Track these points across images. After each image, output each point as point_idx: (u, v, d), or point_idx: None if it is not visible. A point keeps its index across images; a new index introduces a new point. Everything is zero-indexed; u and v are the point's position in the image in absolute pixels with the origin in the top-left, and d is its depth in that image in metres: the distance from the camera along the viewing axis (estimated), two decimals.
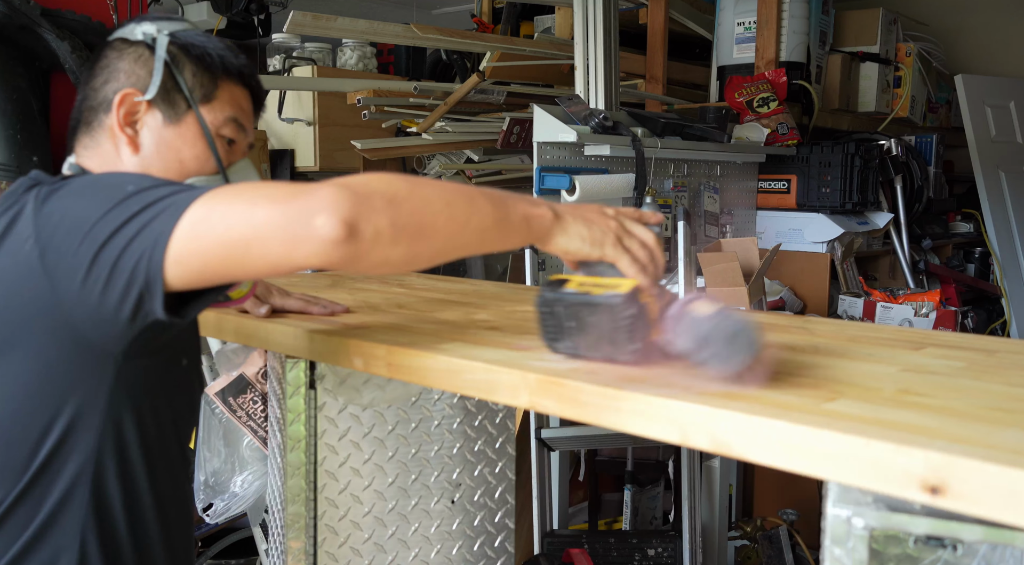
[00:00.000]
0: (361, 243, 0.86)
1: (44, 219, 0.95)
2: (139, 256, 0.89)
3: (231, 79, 1.16)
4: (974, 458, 0.70)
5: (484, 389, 1.06)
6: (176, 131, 1.12)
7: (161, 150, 1.11)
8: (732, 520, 3.03)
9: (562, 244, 1.02)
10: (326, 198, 0.85)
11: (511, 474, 1.63)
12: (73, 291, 0.92)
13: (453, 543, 1.55)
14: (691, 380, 0.98)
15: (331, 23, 2.83)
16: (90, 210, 0.92)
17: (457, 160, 3.46)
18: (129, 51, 1.13)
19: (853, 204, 3.31)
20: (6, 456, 1.00)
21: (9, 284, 0.96)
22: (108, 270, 0.90)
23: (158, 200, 0.90)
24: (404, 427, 1.48)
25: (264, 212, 0.86)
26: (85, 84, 1.15)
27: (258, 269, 0.89)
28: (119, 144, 1.11)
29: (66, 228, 0.93)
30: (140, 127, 1.12)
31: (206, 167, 1.13)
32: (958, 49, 4.78)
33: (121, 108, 1.10)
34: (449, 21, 5.40)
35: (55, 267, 0.92)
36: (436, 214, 0.91)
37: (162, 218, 0.89)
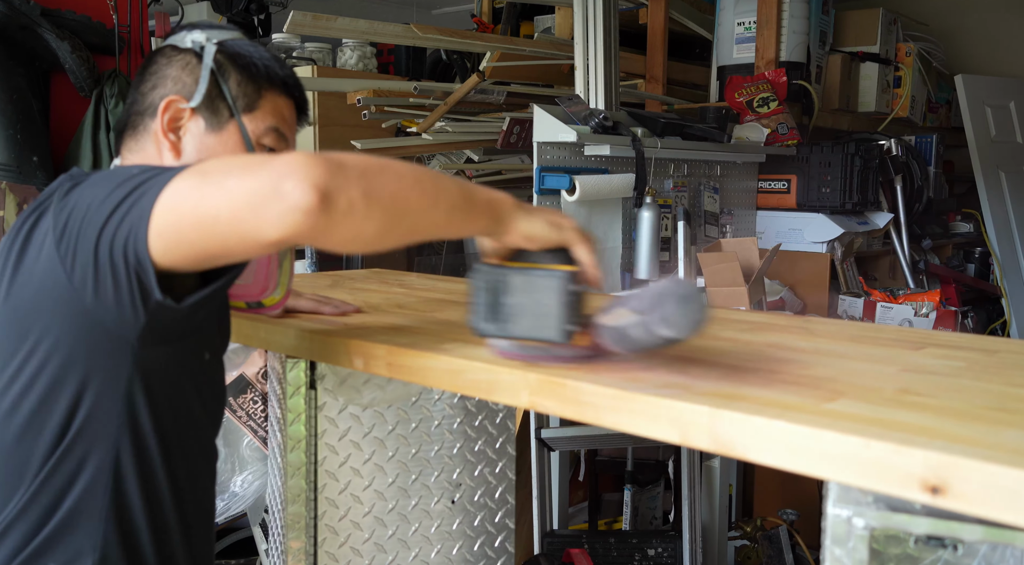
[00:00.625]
0: (333, 213, 0.83)
1: (61, 210, 0.97)
2: (127, 236, 0.90)
3: (275, 89, 1.17)
4: (974, 458, 0.70)
5: (484, 389, 1.06)
6: (218, 138, 1.14)
7: (202, 156, 1.12)
8: (732, 520, 3.03)
9: (524, 228, 1.01)
10: (296, 163, 0.83)
11: (511, 474, 1.63)
12: (85, 278, 0.93)
13: (453, 543, 1.55)
14: (690, 379, 0.98)
15: (331, 23, 2.83)
16: (94, 197, 0.94)
17: (457, 160, 3.46)
18: (178, 58, 1.15)
19: (853, 204, 3.31)
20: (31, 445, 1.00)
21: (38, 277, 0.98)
22: (108, 254, 0.91)
23: (148, 180, 0.91)
24: (404, 427, 1.48)
25: (235, 180, 0.85)
26: (134, 89, 1.18)
27: (230, 241, 0.87)
28: (162, 148, 1.13)
29: (75, 216, 0.94)
30: (183, 133, 1.13)
31: None
32: (958, 49, 4.78)
33: (166, 114, 1.12)
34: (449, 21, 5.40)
35: (66, 255, 0.94)
36: (408, 189, 0.91)
37: (147, 196, 0.90)
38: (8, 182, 2.01)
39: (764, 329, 1.35)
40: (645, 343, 0.97)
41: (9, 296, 1.02)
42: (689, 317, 0.94)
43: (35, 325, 0.98)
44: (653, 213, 2.68)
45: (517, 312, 1.00)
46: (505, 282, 1.00)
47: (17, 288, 1.01)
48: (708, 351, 1.16)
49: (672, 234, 2.78)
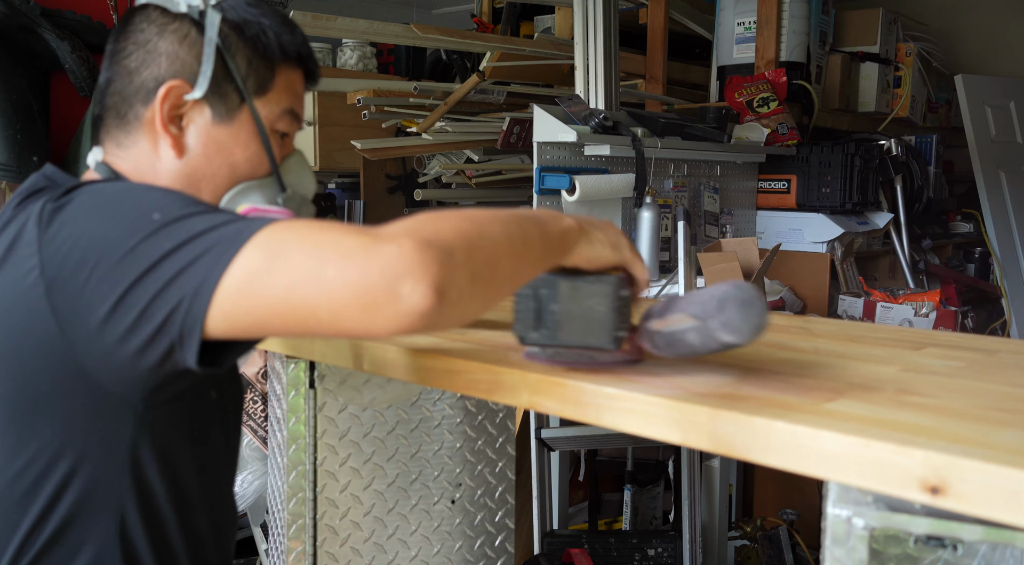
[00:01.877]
0: (446, 308, 0.72)
1: (50, 246, 0.80)
2: (175, 304, 0.75)
3: (288, 63, 1.00)
4: (974, 458, 0.70)
5: (484, 389, 1.06)
6: (228, 131, 0.96)
7: (210, 153, 0.96)
8: (732, 520, 3.03)
9: (586, 252, 0.94)
10: (411, 258, 0.70)
11: (511, 474, 1.63)
12: (86, 334, 0.79)
13: (453, 543, 1.55)
14: (690, 380, 0.98)
15: (331, 23, 2.83)
16: (110, 241, 0.78)
17: (457, 160, 3.46)
18: (172, 29, 0.94)
19: (853, 204, 3.31)
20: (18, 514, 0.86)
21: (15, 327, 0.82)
22: (135, 316, 0.76)
23: (198, 235, 0.76)
24: (404, 427, 1.48)
25: (336, 272, 0.71)
26: (113, 61, 0.96)
27: (324, 334, 0.75)
28: (159, 143, 0.95)
29: (77, 260, 0.78)
30: (186, 124, 0.96)
31: (258, 169, 0.99)
32: (958, 49, 4.78)
33: (165, 103, 0.94)
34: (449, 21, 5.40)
35: (63, 306, 0.79)
36: (503, 256, 0.80)
37: (206, 261, 0.74)
38: (8, 182, 2.01)
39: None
40: (699, 349, 0.94)
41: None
42: (751, 321, 0.91)
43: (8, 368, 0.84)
44: (653, 213, 2.68)
45: (566, 319, 0.97)
46: (553, 290, 0.96)
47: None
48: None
49: (672, 234, 2.78)
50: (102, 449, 0.86)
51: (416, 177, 3.59)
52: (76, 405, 0.84)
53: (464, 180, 3.50)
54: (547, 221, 0.89)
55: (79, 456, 0.85)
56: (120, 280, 0.77)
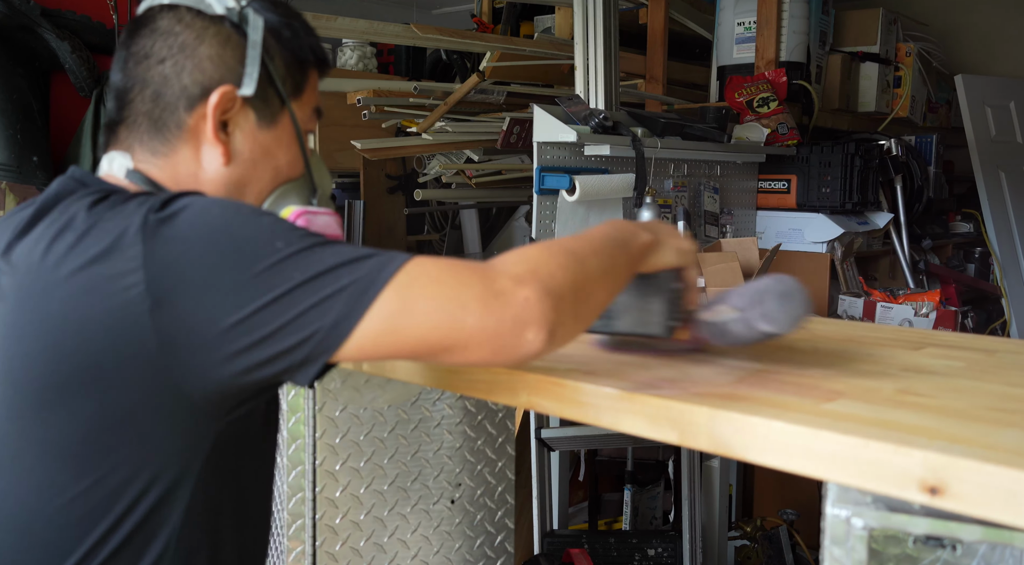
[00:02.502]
0: (553, 345, 0.82)
1: (159, 265, 0.78)
2: (309, 334, 0.77)
3: (316, 66, 1.01)
4: (973, 458, 0.70)
5: (484, 389, 1.06)
6: (272, 134, 0.96)
7: (256, 158, 0.95)
8: (732, 520, 3.03)
9: (656, 261, 1.01)
10: (535, 309, 0.79)
11: (511, 474, 1.63)
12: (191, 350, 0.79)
13: (453, 543, 1.55)
14: (690, 380, 0.98)
15: (331, 23, 2.83)
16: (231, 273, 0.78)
17: (457, 160, 3.46)
18: (211, 31, 0.92)
19: (853, 204, 3.31)
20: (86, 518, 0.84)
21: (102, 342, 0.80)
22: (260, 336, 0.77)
23: (333, 269, 0.78)
24: (404, 427, 1.48)
25: (476, 319, 0.78)
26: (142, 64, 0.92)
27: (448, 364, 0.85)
28: (203, 151, 0.93)
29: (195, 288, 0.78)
30: (231, 130, 0.94)
31: (295, 170, 1.00)
32: (958, 49, 4.78)
33: (218, 109, 0.91)
34: (449, 21, 5.40)
35: (170, 323, 0.78)
36: (600, 290, 0.89)
37: (345, 297, 0.77)
38: (8, 182, 2.01)
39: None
40: (745, 338, 1.02)
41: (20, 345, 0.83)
42: (789, 313, 0.99)
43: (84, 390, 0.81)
44: (653, 213, 2.67)
45: (622, 309, 1.04)
46: None
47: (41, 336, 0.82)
48: (708, 351, 1.16)
49: None
50: (179, 464, 0.85)
51: (416, 177, 3.60)
52: (161, 423, 0.83)
53: (464, 180, 3.50)
54: (630, 241, 0.96)
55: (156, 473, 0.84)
56: (246, 302, 0.77)
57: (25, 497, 0.84)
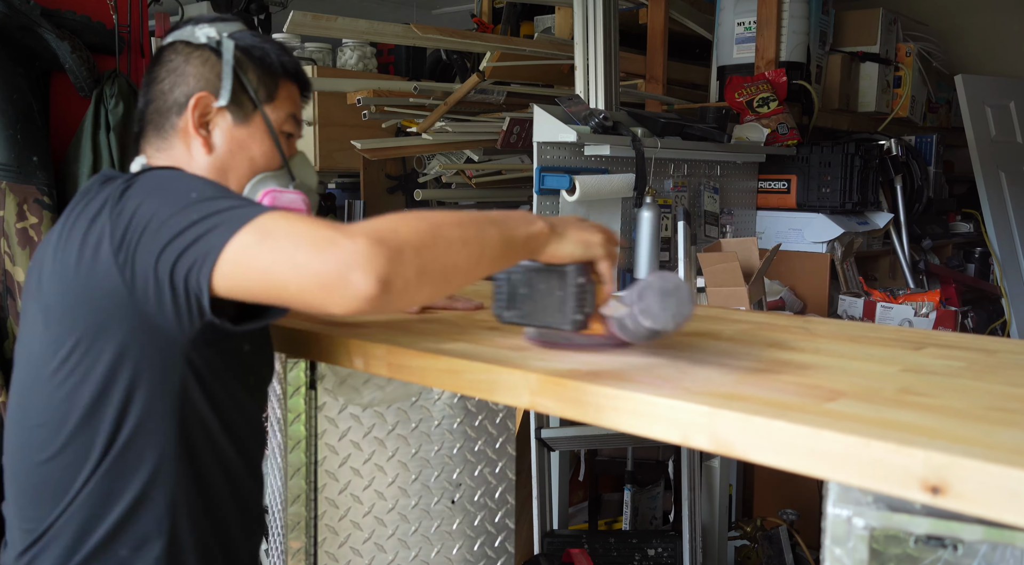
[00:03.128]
0: (391, 294, 0.90)
1: (116, 218, 1.01)
2: (190, 266, 0.95)
3: (288, 78, 1.25)
4: (974, 458, 0.70)
5: (484, 389, 1.06)
6: (246, 131, 1.20)
7: (233, 150, 1.19)
8: (732, 520, 3.03)
9: (555, 252, 1.07)
10: (362, 254, 0.89)
11: (511, 474, 1.63)
12: (145, 289, 0.99)
13: (453, 543, 1.55)
14: (690, 380, 0.98)
15: (331, 23, 2.83)
16: (156, 212, 0.99)
17: (457, 160, 3.46)
18: (195, 55, 1.20)
19: (853, 204, 3.31)
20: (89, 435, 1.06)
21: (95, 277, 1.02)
22: (168, 273, 0.97)
23: (215, 213, 0.96)
24: (404, 427, 1.48)
25: (305, 257, 0.90)
26: (150, 87, 1.21)
27: (294, 305, 0.96)
28: (191, 145, 1.18)
29: (134, 228, 0.99)
30: (212, 128, 1.19)
31: (272, 162, 1.22)
32: (958, 49, 4.78)
33: (195, 111, 1.17)
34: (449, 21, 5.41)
35: (125, 266, 0.99)
36: (456, 255, 0.97)
37: (215, 234, 0.94)
38: (8, 182, 2.01)
39: (764, 329, 1.35)
40: (634, 334, 1.04)
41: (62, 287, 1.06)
42: (669, 309, 1.00)
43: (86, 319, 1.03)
44: (653, 213, 2.68)
45: (531, 301, 1.10)
46: (521, 275, 1.11)
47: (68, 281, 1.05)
48: (708, 351, 1.16)
49: (672, 234, 2.78)
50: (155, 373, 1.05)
51: (416, 177, 3.60)
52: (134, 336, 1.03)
53: (464, 180, 3.50)
54: (514, 225, 1.04)
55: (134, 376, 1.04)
56: (158, 244, 0.97)
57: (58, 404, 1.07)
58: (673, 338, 1.24)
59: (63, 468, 1.08)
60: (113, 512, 1.07)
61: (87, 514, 1.07)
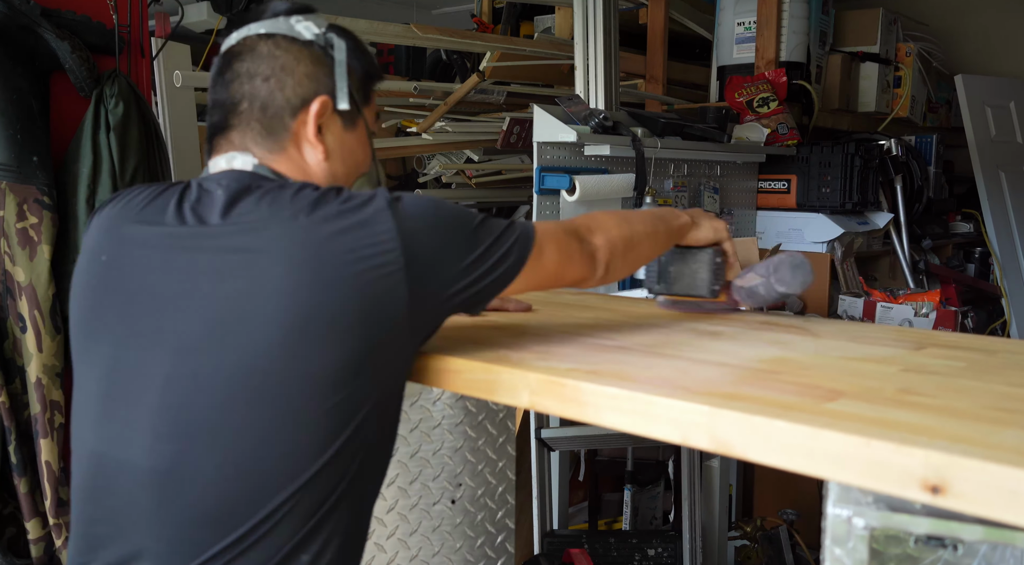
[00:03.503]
0: (608, 278, 1.25)
1: (407, 234, 1.01)
2: (493, 281, 1.08)
3: (379, 78, 1.26)
4: (974, 458, 0.70)
5: (484, 389, 1.06)
6: (354, 135, 1.19)
7: (344, 155, 1.18)
8: (732, 520, 3.03)
9: (695, 236, 1.40)
10: (604, 257, 1.23)
11: (511, 474, 1.63)
12: (430, 292, 1.03)
13: (453, 543, 1.55)
14: (690, 380, 0.98)
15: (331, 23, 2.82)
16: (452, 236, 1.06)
17: (457, 160, 3.46)
18: (305, 54, 1.14)
19: (853, 204, 3.31)
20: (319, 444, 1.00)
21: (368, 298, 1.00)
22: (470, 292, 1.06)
23: (503, 233, 1.10)
24: (404, 427, 1.48)
25: (577, 266, 1.20)
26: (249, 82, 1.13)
27: (559, 287, 1.22)
28: (304, 149, 1.14)
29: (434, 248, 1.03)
30: (325, 132, 1.15)
31: (368, 164, 1.25)
32: (958, 49, 4.78)
33: (317, 117, 1.13)
34: (449, 21, 5.41)
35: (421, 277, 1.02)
36: (644, 247, 1.30)
37: (516, 252, 1.10)
38: (8, 182, 2.01)
39: (764, 329, 1.35)
40: (766, 297, 1.40)
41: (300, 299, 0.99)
42: (798, 278, 1.37)
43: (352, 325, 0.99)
44: None
45: (678, 276, 1.44)
46: (671, 256, 1.44)
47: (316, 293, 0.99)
48: (708, 351, 1.16)
49: None
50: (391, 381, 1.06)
51: (416, 177, 3.59)
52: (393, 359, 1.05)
53: (464, 180, 3.50)
54: (671, 219, 1.37)
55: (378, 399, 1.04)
56: (465, 254, 1.06)
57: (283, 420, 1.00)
58: (673, 338, 1.25)
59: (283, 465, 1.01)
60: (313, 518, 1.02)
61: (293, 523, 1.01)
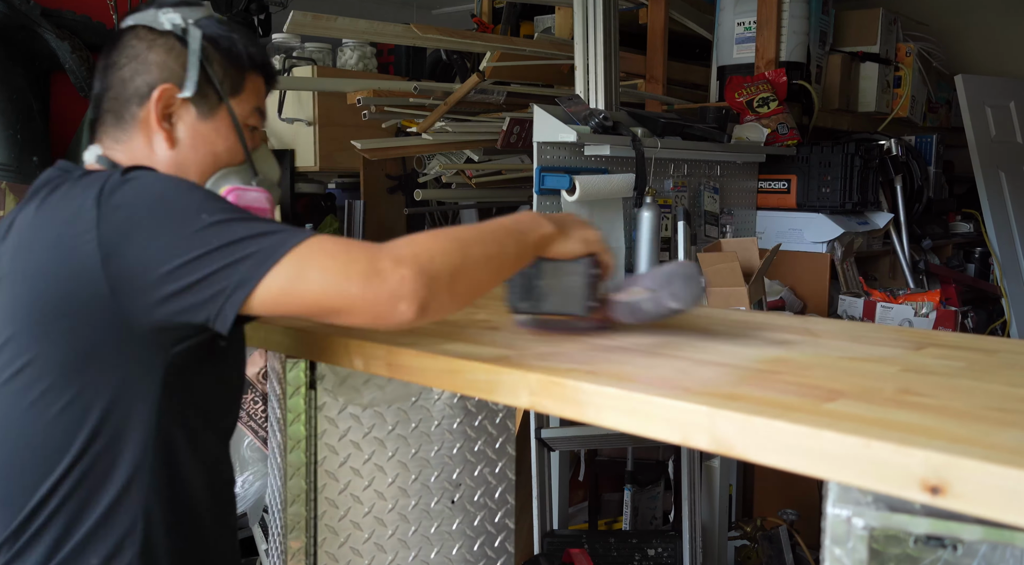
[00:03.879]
0: (427, 316, 1.00)
1: (109, 224, 0.98)
2: (218, 290, 0.96)
3: (255, 70, 1.20)
4: (974, 458, 0.70)
5: (484, 389, 1.06)
6: (211, 125, 1.16)
7: (196, 144, 1.15)
8: (732, 520, 3.03)
9: (560, 249, 1.18)
10: (408, 286, 0.97)
11: (511, 474, 1.63)
12: (140, 306, 0.99)
13: (453, 543, 1.55)
14: (690, 380, 0.98)
15: (331, 23, 2.83)
16: (163, 231, 0.98)
17: (457, 160, 3.45)
18: (159, 42, 1.14)
19: (853, 204, 3.31)
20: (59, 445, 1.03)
21: (56, 266, 1.00)
22: (183, 286, 0.96)
23: (241, 240, 0.97)
24: (404, 427, 1.48)
25: (357, 289, 0.96)
26: (109, 73, 1.15)
27: (335, 321, 1.01)
28: (153, 138, 1.13)
29: (136, 245, 0.98)
30: (175, 121, 1.14)
31: (235, 157, 1.19)
32: (958, 49, 4.78)
33: (159, 103, 1.12)
34: (449, 21, 5.40)
35: (119, 278, 0.98)
36: (482, 272, 1.07)
37: (248, 264, 0.96)
38: (8, 182, 2.01)
39: (764, 329, 1.35)
40: (654, 314, 1.20)
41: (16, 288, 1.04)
42: (691, 292, 1.18)
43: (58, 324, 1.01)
44: (653, 213, 2.67)
45: (548, 292, 1.21)
46: (539, 269, 1.20)
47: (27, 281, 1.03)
48: (708, 351, 1.16)
49: (672, 234, 2.78)
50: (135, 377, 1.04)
51: (416, 177, 3.59)
52: (120, 352, 1.02)
53: (464, 180, 3.50)
54: (528, 231, 1.14)
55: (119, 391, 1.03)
56: (174, 258, 0.96)
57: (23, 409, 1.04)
58: (673, 338, 1.24)
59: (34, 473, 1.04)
60: (85, 522, 1.04)
61: (62, 523, 1.04)
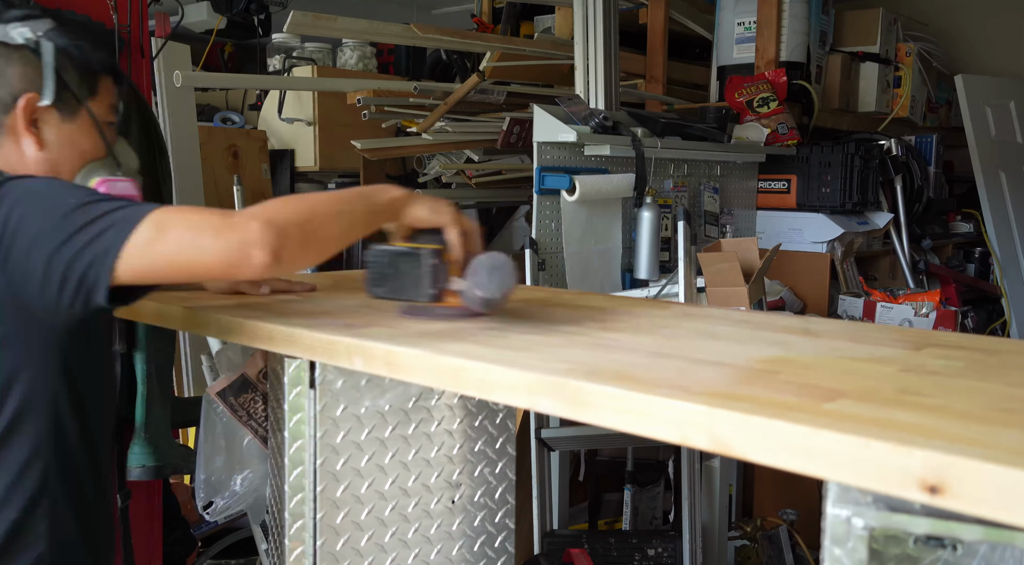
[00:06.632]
0: (282, 263, 1.09)
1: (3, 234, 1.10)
2: (88, 263, 1.06)
3: (104, 72, 1.35)
4: (974, 458, 0.70)
5: (484, 389, 1.06)
6: (74, 125, 1.29)
7: (63, 145, 1.29)
8: (732, 520, 3.03)
9: (412, 214, 1.27)
10: (258, 234, 1.06)
11: (511, 474, 1.63)
12: (29, 291, 1.10)
13: (453, 543, 1.55)
14: (690, 380, 0.98)
15: (331, 23, 2.83)
16: (39, 222, 1.09)
17: (457, 160, 3.46)
18: (15, 56, 1.25)
19: (853, 204, 3.31)
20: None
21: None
22: (60, 275, 1.07)
23: (103, 215, 1.08)
24: (404, 427, 1.48)
25: (209, 242, 1.07)
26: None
27: (199, 279, 1.16)
28: (22, 143, 1.26)
29: (20, 237, 1.10)
30: (41, 125, 1.27)
31: (99, 152, 1.33)
32: (958, 49, 4.78)
33: (25, 112, 1.24)
34: (449, 21, 5.40)
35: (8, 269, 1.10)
36: (330, 226, 1.18)
37: (111, 233, 1.06)
38: None
39: (764, 329, 1.35)
40: (473, 302, 1.25)
41: None
42: (497, 282, 1.22)
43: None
44: (653, 213, 2.68)
45: (396, 280, 1.29)
46: (387, 258, 1.30)
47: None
48: (707, 351, 1.16)
49: (672, 234, 2.78)
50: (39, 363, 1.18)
51: (416, 177, 3.60)
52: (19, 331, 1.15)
53: (464, 180, 3.50)
54: (376, 194, 1.25)
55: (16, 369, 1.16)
56: (46, 250, 1.08)
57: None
58: (673, 338, 1.24)
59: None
60: None
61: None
